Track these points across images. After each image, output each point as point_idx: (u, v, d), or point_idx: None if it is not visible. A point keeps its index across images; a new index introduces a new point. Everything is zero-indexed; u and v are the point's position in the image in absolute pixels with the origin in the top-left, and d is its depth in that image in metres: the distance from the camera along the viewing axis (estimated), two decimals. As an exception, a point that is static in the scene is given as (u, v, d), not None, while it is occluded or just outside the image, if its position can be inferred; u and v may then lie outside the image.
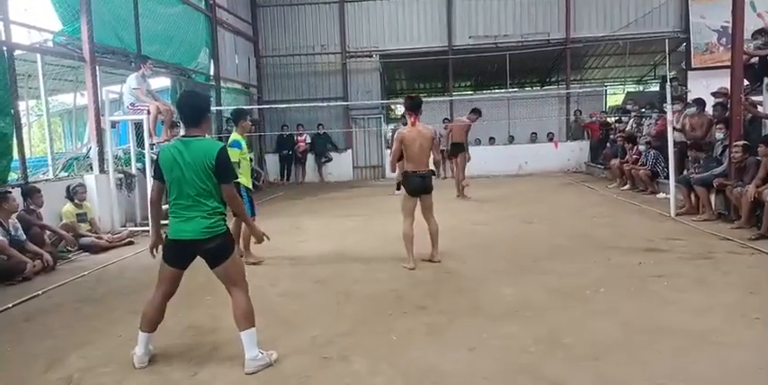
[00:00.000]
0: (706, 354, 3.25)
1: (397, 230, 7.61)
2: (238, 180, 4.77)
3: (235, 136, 5.74)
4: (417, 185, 5.56)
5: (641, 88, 21.55)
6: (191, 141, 3.24)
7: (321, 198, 12.03)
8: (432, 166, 5.69)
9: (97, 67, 8.47)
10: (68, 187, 7.29)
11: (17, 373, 3.40)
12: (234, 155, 5.06)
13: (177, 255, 3.35)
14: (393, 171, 5.62)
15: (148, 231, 7.97)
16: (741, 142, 7.03)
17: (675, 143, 8.23)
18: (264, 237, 3.63)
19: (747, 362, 3.15)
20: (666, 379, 2.97)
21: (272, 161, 16.16)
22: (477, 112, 10.84)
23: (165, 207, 3.51)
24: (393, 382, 3.09)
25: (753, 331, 3.60)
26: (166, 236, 3.37)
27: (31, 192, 6.53)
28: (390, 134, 18.52)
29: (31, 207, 6.51)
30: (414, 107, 5.59)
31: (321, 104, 14.94)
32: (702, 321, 3.78)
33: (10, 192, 6.09)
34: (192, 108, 3.33)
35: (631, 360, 3.22)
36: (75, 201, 7.25)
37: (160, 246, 3.51)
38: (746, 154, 6.86)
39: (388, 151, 16.28)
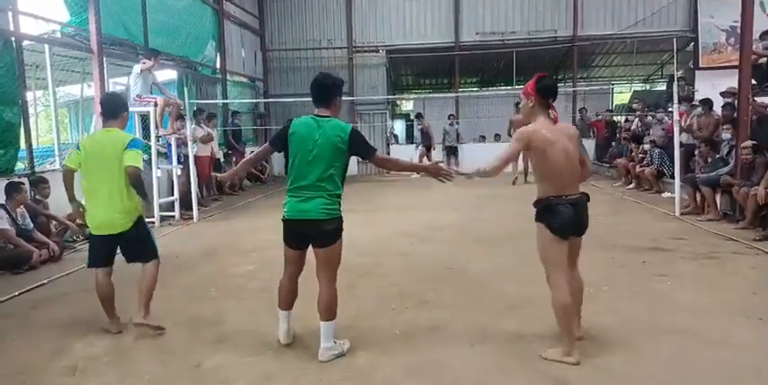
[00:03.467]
0: (708, 354, 3.26)
1: (400, 225, 7.67)
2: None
3: (124, 137, 3.89)
4: (569, 219, 3.19)
5: (648, 87, 21.45)
6: (323, 120, 3.28)
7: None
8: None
9: (104, 59, 8.48)
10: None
11: (23, 361, 3.44)
12: (139, 158, 3.87)
13: (295, 235, 3.34)
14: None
15: (154, 223, 8.07)
16: (750, 142, 7.00)
17: (681, 144, 8.21)
18: None
19: (750, 362, 3.15)
20: (668, 378, 2.98)
21: (277, 155, 16.09)
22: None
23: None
24: (395, 376, 3.11)
25: (756, 332, 3.60)
26: (283, 216, 3.33)
27: (37, 183, 6.57)
28: (392, 130, 18.60)
29: (37, 197, 6.54)
30: (555, 92, 3.49)
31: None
32: (705, 321, 3.78)
33: (23, 184, 6.13)
34: (323, 88, 3.35)
35: (634, 358, 3.23)
36: None
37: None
38: (756, 154, 6.84)
39: (394, 147, 16.42)
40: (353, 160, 15.73)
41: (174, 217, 8.64)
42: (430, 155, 14.68)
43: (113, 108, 4.05)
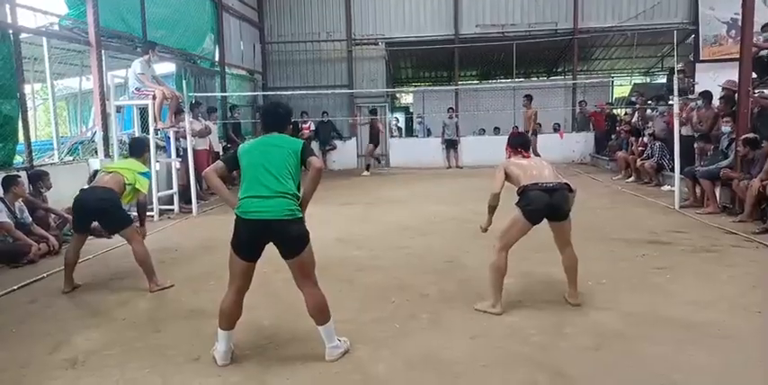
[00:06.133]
0: (707, 347, 3.26)
1: (399, 218, 7.67)
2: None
3: (142, 166, 5.15)
4: (542, 205, 3.77)
5: (648, 80, 21.43)
6: (275, 135, 3.26)
7: (324, 186, 11.91)
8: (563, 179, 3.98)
9: (103, 52, 8.44)
10: (96, 172, 7.32)
11: (23, 354, 3.44)
12: (146, 186, 5.04)
13: (253, 241, 3.10)
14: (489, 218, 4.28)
15: (153, 216, 8.07)
16: (745, 136, 6.98)
17: (681, 136, 8.20)
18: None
19: (748, 355, 3.16)
20: (667, 370, 2.98)
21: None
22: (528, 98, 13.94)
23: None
24: (395, 369, 3.12)
25: (754, 324, 3.61)
26: (239, 217, 3.08)
27: (41, 176, 6.56)
28: (396, 123, 18.66)
29: (42, 190, 6.54)
30: (523, 144, 4.27)
31: (326, 92, 14.90)
32: (704, 314, 3.79)
33: (20, 177, 6.12)
34: (277, 117, 3.34)
35: (632, 351, 3.24)
36: None
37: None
38: (754, 148, 6.83)
39: (393, 139, 16.41)
40: (351, 152, 15.65)
41: (173, 210, 8.64)
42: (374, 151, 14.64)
43: (138, 150, 5.30)
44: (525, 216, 3.80)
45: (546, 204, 3.75)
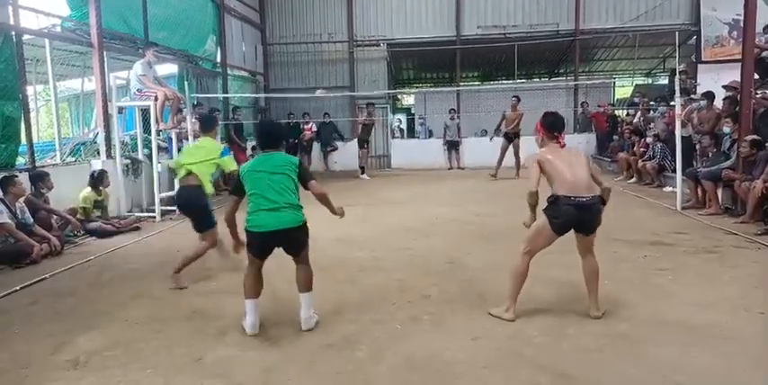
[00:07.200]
0: (709, 348, 3.26)
1: (401, 219, 7.67)
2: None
3: (218, 146, 5.15)
4: (570, 218, 3.64)
5: (650, 81, 21.41)
6: (273, 153, 3.71)
7: (325, 187, 11.98)
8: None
9: (105, 53, 8.46)
10: (93, 173, 7.34)
11: (25, 355, 3.44)
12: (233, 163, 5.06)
13: (267, 247, 3.65)
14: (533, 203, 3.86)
15: (155, 217, 8.09)
16: (749, 137, 6.98)
17: (682, 137, 8.20)
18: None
19: (751, 356, 3.16)
20: (669, 372, 2.98)
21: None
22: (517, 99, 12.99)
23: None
24: (396, 370, 3.12)
25: (756, 325, 3.60)
26: (251, 232, 3.57)
27: (42, 176, 6.57)
28: (399, 124, 18.60)
29: (42, 190, 6.55)
30: (556, 125, 3.93)
31: (328, 93, 14.87)
32: (706, 315, 3.78)
33: (17, 176, 6.12)
34: (271, 137, 3.82)
35: (634, 352, 3.24)
36: (100, 187, 7.33)
37: None
38: (756, 149, 6.82)
39: (394, 140, 16.41)
40: (353, 153, 15.37)
41: (175, 211, 8.63)
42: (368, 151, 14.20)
43: (209, 125, 5.28)
44: (552, 227, 3.67)
45: (574, 217, 3.64)
